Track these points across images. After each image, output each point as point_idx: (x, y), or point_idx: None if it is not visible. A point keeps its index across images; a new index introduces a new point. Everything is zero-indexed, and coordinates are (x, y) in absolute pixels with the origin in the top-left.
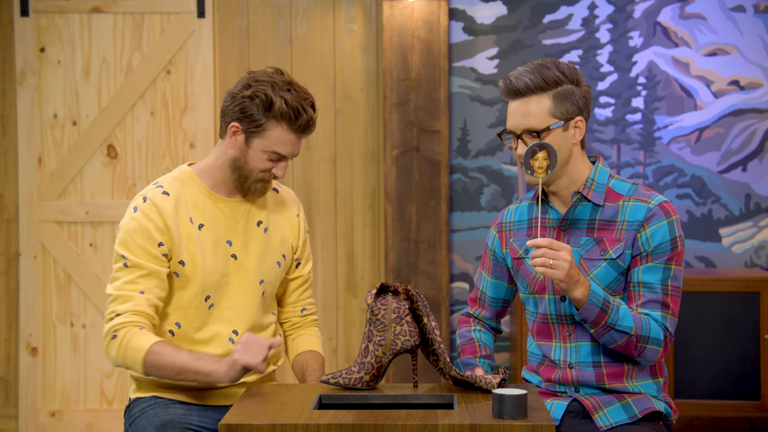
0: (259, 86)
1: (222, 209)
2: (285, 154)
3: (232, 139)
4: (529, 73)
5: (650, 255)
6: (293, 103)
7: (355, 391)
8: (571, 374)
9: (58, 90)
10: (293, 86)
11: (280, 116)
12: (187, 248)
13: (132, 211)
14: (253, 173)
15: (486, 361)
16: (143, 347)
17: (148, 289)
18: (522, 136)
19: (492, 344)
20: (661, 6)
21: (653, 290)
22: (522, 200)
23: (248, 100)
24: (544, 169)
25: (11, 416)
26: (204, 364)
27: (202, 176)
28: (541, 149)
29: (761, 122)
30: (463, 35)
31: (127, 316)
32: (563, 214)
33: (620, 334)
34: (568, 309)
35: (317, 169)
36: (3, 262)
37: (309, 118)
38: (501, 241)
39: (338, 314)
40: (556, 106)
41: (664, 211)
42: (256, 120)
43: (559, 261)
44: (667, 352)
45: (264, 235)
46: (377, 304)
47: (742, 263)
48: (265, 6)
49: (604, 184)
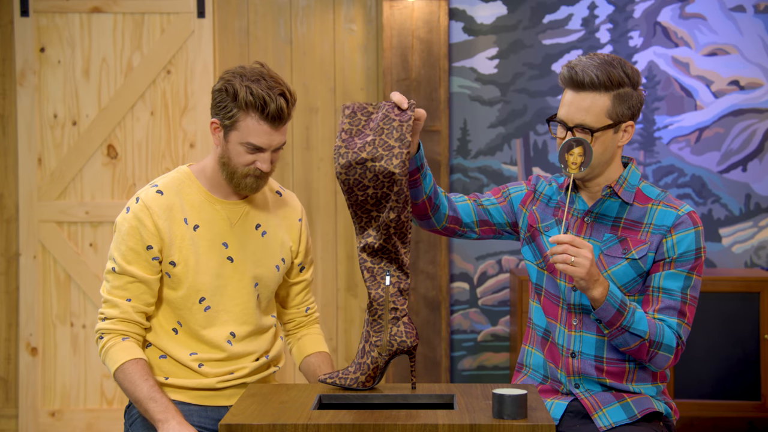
0: (228, 78)
1: (219, 211)
2: (260, 145)
3: (215, 135)
4: (595, 69)
5: (674, 262)
6: (259, 92)
7: (354, 392)
8: (573, 364)
9: (58, 90)
10: (264, 76)
11: (247, 106)
12: (179, 249)
13: (125, 211)
14: (237, 169)
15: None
16: (116, 362)
17: (136, 296)
18: (573, 129)
19: (440, 194)
20: (661, 6)
21: (672, 297)
22: (552, 181)
23: (218, 93)
24: (578, 165)
25: (11, 416)
26: (154, 407)
27: (200, 177)
28: (578, 145)
29: (761, 122)
30: (463, 35)
31: (113, 322)
32: (590, 206)
33: (634, 337)
34: (578, 299)
35: (317, 169)
36: (3, 262)
37: (278, 107)
38: (525, 198)
39: (338, 314)
40: (613, 108)
41: (692, 220)
42: (228, 112)
43: (580, 258)
44: (678, 360)
45: (262, 239)
46: (357, 114)
47: (742, 263)
48: (265, 6)
49: (635, 185)
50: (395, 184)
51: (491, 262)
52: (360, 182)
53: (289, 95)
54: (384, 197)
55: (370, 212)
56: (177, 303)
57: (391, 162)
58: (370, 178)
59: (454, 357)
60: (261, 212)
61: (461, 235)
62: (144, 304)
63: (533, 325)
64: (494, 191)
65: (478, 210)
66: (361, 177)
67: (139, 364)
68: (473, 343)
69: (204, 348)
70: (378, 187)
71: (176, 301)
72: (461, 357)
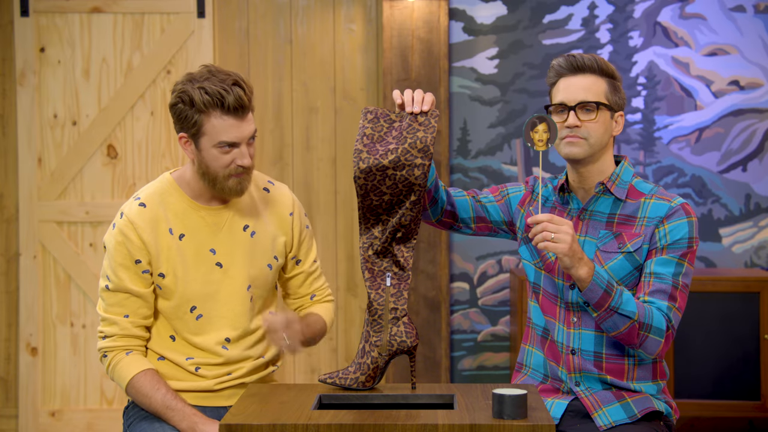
0: (178, 88)
1: (204, 218)
2: (232, 140)
3: (187, 149)
4: (590, 56)
5: (666, 248)
6: (212, 88)
7: (354, 391)
8: (573, 361)
9: (58, 90)
10: (213, 73)
11: (206, 106)
12: (167, 260)
13: (111, 228)
14: (218, 174)
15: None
16: (125, 377)
17: (133, 311)
18: (575, 108)
19: (440, 188)
20: (661, 6)
21: (663, 281)
22: (547, 182)
23: (175, 106)
24: (544, 142)
25: (11, 416)
26: (173, 416)
27: (183, 186)
28: (541, 122)
29: (761, 122)
30: (463, 35)
31: (114, 339)
32: (584, 204)
33: (623, 318)
34: (575, 297)
35: (317, 169)
36: (3, 262)
37: (236, 97)
38: (523, 199)
39: (338, 314)
40: (610, 93)
41: (685, 211)
42: (190, 120)
43: (561, 234)
44: (669, 345)
45: (251, 240)
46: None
47: (742, 263)
48: (265, 6)
49: (628, 182)
50: (413, 193)
51: (491, 262)
52: (378, 188)
53: (243, 83)
54: (398, 203)
55: (380, 215)
56: (169, 313)
57: (413, 173)
58: (388, 185)
59: (454, 357)
60: (248, 213)
61: (456, 229)
62: (142, 317)
63: (532, 325)
64: (493, 189)
65: (476, 206)
66: (380, 183)
67: (147, 375)
68: (473, 343)
69: (200, 353)
70: (395, 194)
71: (168, 311)
72: (461, 357)
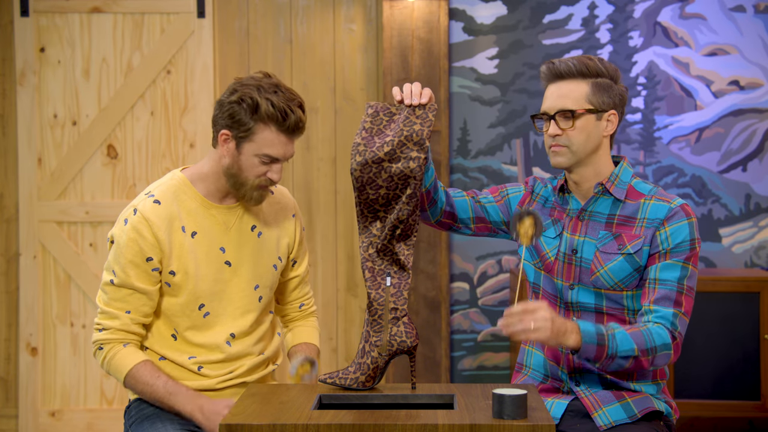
0: (245, 90)
1: (214, 216)
2: (277, 156)
3: (224, 146)
4: (572, 60)
5: (669, 253)
6: (279, 104)
7: (354, 391)
8: (574, 360)
9: (58, 90)
10: (280, 88)
11: (267, 118)
12: (178, 258)
13: (123, 223)
14: (248, 180)
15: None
16: (124, 369)
17: (135, 308)
18: (555, 117)
19: (439, 189)
20: (661, 6)
21: (668, 287)
22: (547, 183)
23: (235, 105)
24: (528, 238)
25: (11, 416)
26: (177, 401)
27: (196, 183)
28: (527, 215)
29: (761, 122)
30: (463, 35)
31: (112, 332)
32: (583, 204)
33: (625, 359)
34: (575, 297)
35: (317, 169)
36: (3, 262)
37: (297, 119)
38: (522, 199)
39: (338, 314)
40: (593, 94)
41: (685, 212)
42: (244, 124)
43: (539, 322)
44: (679, 352)
45: (258, 240)
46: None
47: (742, 263)
48: (265, 6)
49: (627, 182)
50: (409, 187)
51: (491, 262)
52: (374, 181)
53: (304, 106)
54: (394, 198)
55: (378, 212)
56: (175, 310)
57: (408, 165)
58: (384, 178)
59: (454, 357)
60: (255, 214)
61: (456, 230)
62: (142, 315)
63: None
64: (492, 190)
65: (475, 207)
66: (376, 176)
67: (146, 365)
68: (473, 343)
69: (202, 351)
70: (391, 188)
71: (175, 308)
72: (461, 357)
